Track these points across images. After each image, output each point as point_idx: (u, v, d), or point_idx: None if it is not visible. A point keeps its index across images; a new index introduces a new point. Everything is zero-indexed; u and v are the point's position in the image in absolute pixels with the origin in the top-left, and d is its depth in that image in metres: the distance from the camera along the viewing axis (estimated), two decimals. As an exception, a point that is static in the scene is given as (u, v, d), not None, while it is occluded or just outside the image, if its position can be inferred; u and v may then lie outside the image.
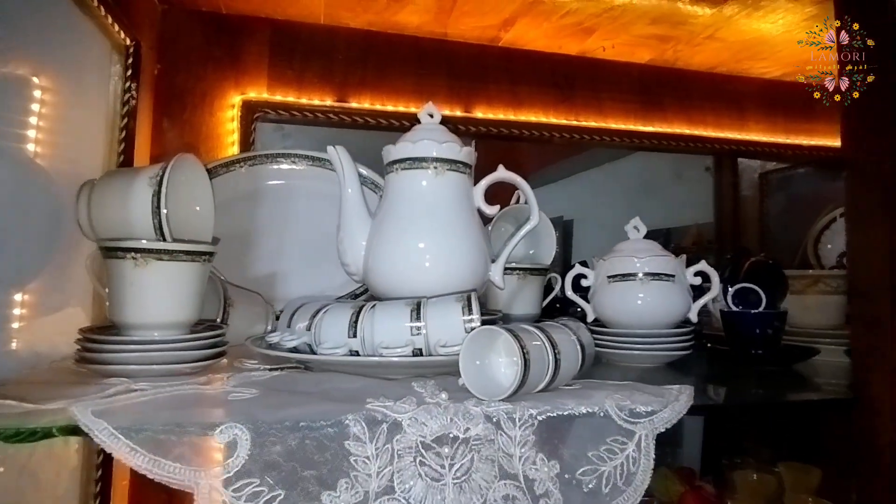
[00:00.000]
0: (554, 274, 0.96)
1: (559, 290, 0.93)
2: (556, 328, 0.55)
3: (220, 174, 0.91)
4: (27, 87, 0.65)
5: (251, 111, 1.07)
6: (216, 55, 1.07)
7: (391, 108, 1.14)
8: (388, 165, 0.67)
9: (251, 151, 1.01)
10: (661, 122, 1.32)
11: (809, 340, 0.85)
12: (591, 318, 0.79)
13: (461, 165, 0.65)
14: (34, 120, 0.66)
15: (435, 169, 0.64)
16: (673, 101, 1.33)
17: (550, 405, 0.46)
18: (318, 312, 0.58)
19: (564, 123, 1.25)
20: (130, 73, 0.88)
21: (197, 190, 0.65)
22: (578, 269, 0.80)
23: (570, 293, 0.81)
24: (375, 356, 0.53)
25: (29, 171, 0.66)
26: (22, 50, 0.65)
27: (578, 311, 0.82)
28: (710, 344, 0.85)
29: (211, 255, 0.59)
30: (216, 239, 0.62)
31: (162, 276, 0.54)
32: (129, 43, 0.88)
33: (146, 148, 0.99)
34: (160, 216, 0.56)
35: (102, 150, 0.84)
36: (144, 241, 0.55)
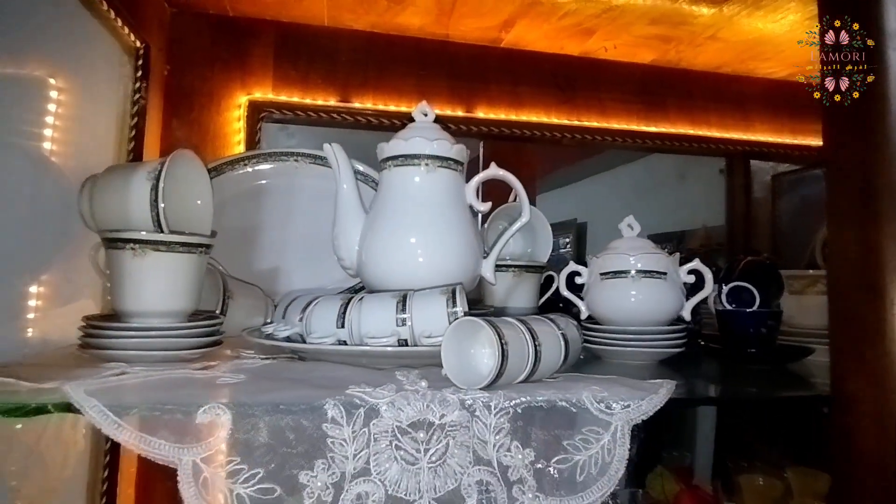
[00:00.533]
0: (551, 272, 0.97)
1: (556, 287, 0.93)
2: (539, 322, 0.56)
3: (225, 172, 0.93)
4: (44, 87, 0.68)
5: (257, 111, 1.10)
6: (223, 56, 1.10)
7: (393, 107, 1.16)
8: (382, 162, 0.68)
9: (256, 150, 1.04)
10: (664, 122, 1.32)
11: (808, 340, 0.84)
12: (584, 315, 0.79)
13: (452, 162, 0.67)
14: (50, 119, 0.69)
15: (427, 166, 0.66)
16: (676, 102, 1.32)
17: (527, 395, 0.47)
18: (309, 304, 0.60)
19: (567, 124, 1.26)
20: (140, 74, 0.92)
21: (195, 184, 0.67)
22: (573, 266, 0.81)
23: (564, 290, 0.81)
24: (362, 346, 0.55)
25: (44, 167, 0.69)
26: (40, 53, 0.68)
27: (575, 309, 0.83)
28: (703, 342, 0.85)
29: (208, 247, 0.60)
30: (214, 232, 0.64)
31: (159, 266, 0.56)
32: (138, 45, 0.91)
33: (155, 146, 1.02)
34: (158, 209, 0.59)
35: (113, 148, 0.87)
36: (143, 232, 0.57)
